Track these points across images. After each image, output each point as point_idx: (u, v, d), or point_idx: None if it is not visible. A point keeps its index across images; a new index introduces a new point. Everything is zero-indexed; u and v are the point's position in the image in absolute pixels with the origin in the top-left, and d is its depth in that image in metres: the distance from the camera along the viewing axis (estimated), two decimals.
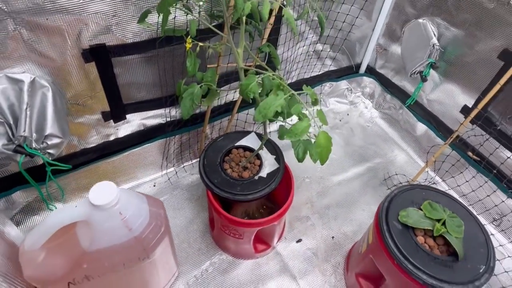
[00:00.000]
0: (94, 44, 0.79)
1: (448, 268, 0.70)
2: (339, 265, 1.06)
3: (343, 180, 1.30)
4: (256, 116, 0.60)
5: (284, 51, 1.15)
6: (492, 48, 1.00)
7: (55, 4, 0.68)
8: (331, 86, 1.50)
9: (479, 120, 1.04)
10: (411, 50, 1.22)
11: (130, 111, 1.01)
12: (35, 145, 0.77)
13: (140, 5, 0.78)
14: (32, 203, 1.00)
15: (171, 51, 0.89)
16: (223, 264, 1.04)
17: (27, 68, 0.75)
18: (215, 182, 0.87)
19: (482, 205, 1.12)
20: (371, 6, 1.27)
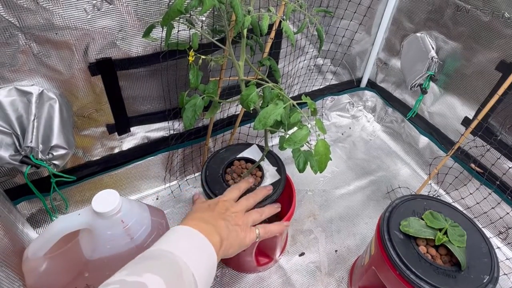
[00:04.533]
0: (101, 58, 0.82)
1: (451, 278, 0.69)
2: (343, 279, 1.04)
3: (346, 193, 1.30)
4: (256, 125, 0.61)
5: (285, 65, 1.18)
6: (490, 59, 1.02)
7: (64, 20, 0.72)
8: (332, 100, 1.52)
9: (479, 131, 1.04)
10: (411, 64, 1.24)
11: (134, 124, 1.03)
12: (41, 156, 0.79)
13: (145, 20, 0.81)
14: (35, 214, 1.01)
15: (175, 64, 0.92)
16: (225, 278, 1.03)
17: (36, 81, 0.77)
18: (217, 193, 0.87)
19: (487, 217, 1.10)
20: (370, 21, 1.30)
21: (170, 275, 0.42)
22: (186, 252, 0.48)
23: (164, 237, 0.52)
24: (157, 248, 0.48)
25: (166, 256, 0.46)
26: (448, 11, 1.10)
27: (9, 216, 0.82)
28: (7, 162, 0.76)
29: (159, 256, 0.45)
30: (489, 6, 0.98)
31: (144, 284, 0.38)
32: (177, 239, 0.51)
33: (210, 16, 0.89)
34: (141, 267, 0.42)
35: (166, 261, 0.45)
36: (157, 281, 0.40)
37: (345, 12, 1.18)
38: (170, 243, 0.50)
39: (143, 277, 0.39)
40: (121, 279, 0.39)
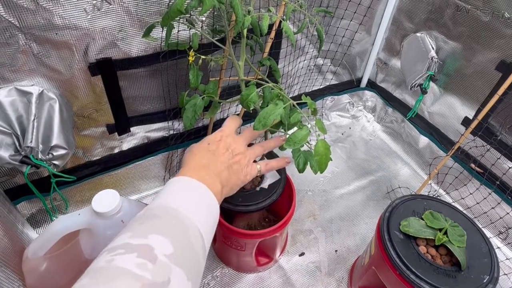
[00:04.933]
0: (101, 58, 0.82)
1: (451, 278, 0.69)
2: (343, 279, 1.04)
3: (346, 193, 1.30)
4: (256, 125, 0.61)
5: (285, 65, 1.18)
6: (490, 59, 1.02)
7: (64, 20, 0.72)
8: (332, 100, 1.52)
9: (479, 131, 1.04)
10: (410, 63, 1.24)
11: (134, 124, 1.03)
12: (41, 156, 0.79)
13: (145, 20, 0.81)
14: (35, 214, 1.01)
15: (175, 64, 0.92)
16: (225, 278, 1.03)
17: (36, 81, 0.77)
18: None
19: (487, 218, 1.10)
20: (370, 21, 1.30)
21: (176, 234, 0.41)
22: (189, 207, 0.46)
23: (166, 190, 0.49)
24: (160, 204, 0.46)
25: (170, 213, 0.43)
26: (448, 11, 1.10)
27: (9, 216, 0.82)
28: (7, 162, 0.76)
29: (162, 214, 0.43)
30: (489, 6, 0.98)
31: (149, 246, 0.37)
32: (179, 192, 0.49)
33: (210, 16, 0.89)
34: (145, 228, 0.40)
35: (170, 219, 0.43)
36: (163, 242, 0.38)
37: (345, 12, 1.18)
38: (172, 198, 0.47)
39: (148, 239, 0.38)
40: (125, 243, 0.37)
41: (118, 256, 0.35)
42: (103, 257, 0.36)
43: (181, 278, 0.37)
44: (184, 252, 0.40)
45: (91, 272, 0.34)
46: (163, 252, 0.37)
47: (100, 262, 0.36)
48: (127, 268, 0.34)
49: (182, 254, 0.39)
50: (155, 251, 0.37)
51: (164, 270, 0.36)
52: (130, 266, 0.34)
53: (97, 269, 0.34)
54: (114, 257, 0.35)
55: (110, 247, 0.38)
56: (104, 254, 0.37)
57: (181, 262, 0.38)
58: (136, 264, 0.35)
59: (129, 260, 0.35)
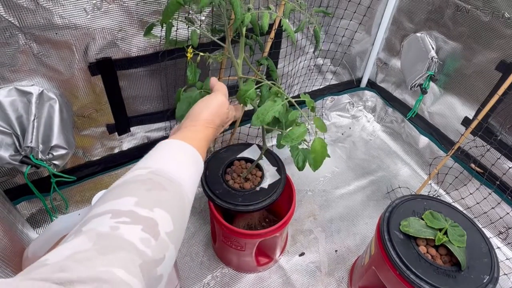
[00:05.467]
0: (101, 57, 0.82)
1: (451, 278, 0.69)
2: (343, 279, 1.04)
3: (346, 193, 1.30)
4: (254, 121, 0.61)
5: (285, 65, 1.18)
6: (490, 60, 1.02)
7: (64, 19, 0.72)
8: (332, 100, 1.52)
9: (479, 131, 1.04)
10: (411, 64, 1.24)
11: (134, 124, 1.03)
12: (41, 156, 0.79)
13: (145, 20, 0.81)
14: (35, 214, 1.01)
15: (174, 64, 0.92)
16: (225, 278, 1.03)
17: (36, 81, 0.77)
18: (217, 193, 0.87)
19: (487, 217, 1.10)
20: (370, 21, 1.30)
21: (177, 211, 0.42)
22: (190, 182, 0.47)
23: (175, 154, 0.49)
24: (168, 169, 0.45)
25: (176, 188, 0.44)
26: (448, 11, 1.10)
27: (9, 216, 0.82)
28: (7, 162, 0.76)
29: (168, 186, 0.43)
30: (489, 6, 0.98)
31: (154, 221, 0.37)
32: (184, 162, 0.49)
33: (209, 16, 0.89)
34: (152, 198, 0.40)
35: (175, 195, 0.43)
36: (166, 219, 0.39)
37: (345, 12, 1.18)
38: (178, 168, 0.47)
39: (154, 212, 0.38)
40: (131, 210, 0.37)
41: (124, 226, 0.35)
42: (107, 221, 0.35)
43: (173, 254, 0.39)
44: (180, 229, 0.41)
45: (95, 236, 0.33)
46: (165, 230, 0.38)
47: (104, 226, 0.34)
48: (132, 241, 0.34)
49: (178, 231, 0.41)
50: (158, 227, 0.37)
51: (163, 248, 0.37)
52: (135, 240, 0.34)
53: (101, 235, 0.33)
54: (119, 225, 0.35)
55: (114, 210, 0.37)
56: (107, 217, 0.36)
57: (175, 239, 0.40)
58: (140, 238, 0.35)
59: (134, 232, 0.35)
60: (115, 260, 0.32)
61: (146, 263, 0.34)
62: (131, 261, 0.33)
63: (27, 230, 0.90)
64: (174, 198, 0.42)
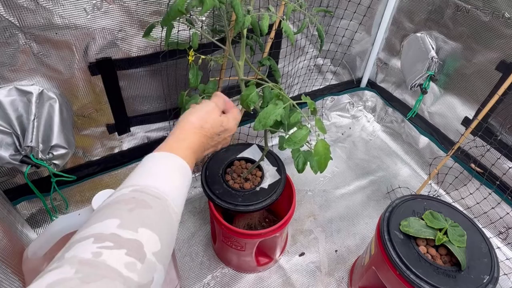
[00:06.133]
0: (101, 57, 0.82)
1: (451, 278, 0.69)
2: (343, 279, 1.04)
3: (346, 193, 1.30)
4: (256, 125, 0.61)
5: (285, 65, 1.18)
6: (490, 60, 1.02)
7: (64, 19, 0.72)
8: (332, 100, 1.52)
9: (479, 131, 1.04)
10: (411, 64, 1.24)
11: (134, 124, 1.03)
12: (41, 156, 0.79)
13: (145, 20, 0.81)
14: (35, 214, 1.01)
15: (175, 64, 0.92)
16: (225, 278, 1.03)
17: (36, 80, 0.77)
18: (217, 193, 0.87)
19: (487, 218, 1.10)
20: (370, 21, 1.30)
21: (164, 229, 0.40)
22: (177, 196, 0.45)
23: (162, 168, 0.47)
24: (153, 185, 0.43)
25: (161, 204, 0.42)
26: (448, 11, 1.10)
27: (9, 216, 0.82)
28: (7, 162, 0.76)
29: (153, 203, 0.41)
30: (489, 6, 0.98)
31: (139, 243, 0.36)
32: (172, 175, 0.47)
33: (210, 16, 0.89)
34: (135, 218, 0.38)
35: (161, 211, 0.41)
36: (153, 239, 0.37)
37: (345, 12, 1.18)
38: (166, 182, 0.45)
39: (138, 233, 0.37)
40: (113, 233, 0.35)
41: (107, 251, 0.33)
42: (90, 246, 0.34)
43: (161, 274, 0.38)
44: (168, 248, 0.40)
45: (77, 263, 0.32)
46: (152, 250, 0.37)
47: (86, 252, 0.33)
48: (116, 268, 0.33)
49: (166, 250, 0.39)
50: (144, 249, 0.36)
51: (150, 270, 0.36)
52: (119, 266, 0.33)
53: (83, 262, 0.32)
54: (102, 250, 0.33)
55: (97, 234, 0.35)
56: (89, 242, 0.34)
57: (163, 259, 0.38)
58: (125, 263, 0.33)
59: (118, 258, 0.34)
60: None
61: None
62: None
63: (26, 231, 0.90)
64: (160, 215, 0.41)
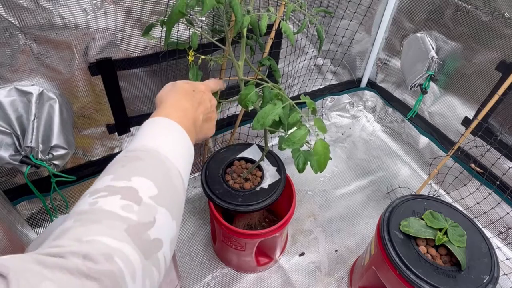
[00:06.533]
0: (101, 58, 0.82)
1: (451, 278, 0.69)
2: (343, 279, 1.04)
3: (346, 193, 1.30)
4: (254, 125, 0.61)
5: (285, 65, 1.18)
6: (490, 60, 1.02)
7: (64, 19, 0.72)
8: (332, 100, 1.52)
9: (479, 131, 1.04)
10: (411, 64, 1.24)
11: (134, 124, 1.03)
12: (41, 156, 0.79)
13: (145, 20, 0.81)
14: (35, 214, 1.01)
15: (174, 64, 0.92)
16: (225, 278, 1.03)
17: (36, 81, 0.77)
18: (217, 193, 0.87)
19: (487, 218, 1.10)
20: (370, 21, 1.30)
21: (159, 175, 0.40)
22: (169, 148, 0.45)
23: (146, 131, 0.48)
24: (142, 144, 0.45)
25: (152, 155, 0.43)
26: (448, 11, 1.10)
27: (9, 216, 0.82)
28: (7, 162, 0.76)
29: (144, 155, 0.42)
30: (489, 6, 0.98)
31: (133, 189, 0.37)
32: (159, 133, 0.48)
33: (210, 16, 0.89)
34: (127, 170, 0.39)
35: (153, 161, 0.42)
36: (146, 184, 0.38)
37: (345, 12, 1.18)
38: (152, 139, 0.46)
39: (132, 181, 0.37)
40: (108, 185, 0.36)
41: (102, 199, 0.34)
42: (85, 200, 0.35)
43: (166, 217, 0.38)
44: (167, 192, 0.40)
45: (75, 215, 0.33)
46: (148, 194, 0.37)
47: (82, 205, 0.34)
48: (112, 210, 0.34)
49: (166, 194, 0.40)
50: (139, 193, 0.37)
51: (150, 211, 0.36)
52: (115, 208, 0.34)
53: (80, 212, 0.33)
54: (97, 199, 0.34)
55: (92, 190, 0.36)
56: (86, 197, 0.35)
57: (165, 203, 0.39)
58: (121, 206, 0.34)
59: (113, 202, 0.34)
60: (98, 229, 0.32)
61: (133, 227, 0.33)
62: (114, 228, 0.32)
63: (26, 231, 0.90)
64: (152, 164, 0.42)
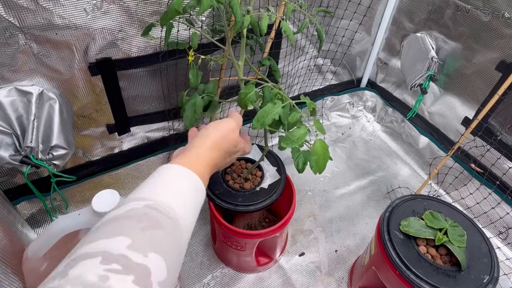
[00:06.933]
0: (101, 58, 0.82)
1: (451, 278, 0.69)
2: (343, 279, 1.04)
3: (346, 193, 1.30)
4: (254, 124, 0.61)
5: (285, 65, 1.18)
6: (490, 60, 1.02)
7: (64, 19, 0.72)
8: (332, 100, 1.52)
9: (479, 131, 1.04)
10: (411, 63, 1.24)
11: (134, 124, 1.03)
12: (41, 156, 0.79)
13: (145, 20, 0.81)
14: (35, 214, 1.01)
15: (174, 64, 0.92)
16: (225, 278, 1.03)
17: (36, 81, 0.77)
18: (217, 193, 0.87)
19: (487, 218, 1.10)
20: (370, 21, 1.30)
21: (174, 255, 0.39)
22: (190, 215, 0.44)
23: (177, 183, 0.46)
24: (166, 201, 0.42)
25: (173, 225, 0.40)
26: (448, 11, 1.10)
27: (9, 216, 0.82)
28: (7, 162, 0.76)
29: (166, 223, 0.40)
30: (489, 6, 0.98)
31: (148, 270, 0.34)
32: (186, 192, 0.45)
33: (210, 16, 0.89)
34: (146, 240, 0.37)
35: (173, 234, 0.40)
36: (161, 267, 0.36)
37: (345, 12, 1.18)
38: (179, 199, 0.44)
39: (149, 259, 0.35)
40: (123, 255, 0.34)
41: (114, 276, 0.32)
42: (96, 267, 0.32)
43: None
44: (174, 275, 0.39)
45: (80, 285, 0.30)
46: (158, 279, 0.35)
47: (92, 274, 0.31)
48: None
49: (171, 278, 0.38)
50: (151, 277, 0.34)
51: None
52: None
53: (88, 285, 0.30)
54: (109, 274, 0.31)
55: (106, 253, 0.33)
56: (96, 262, 0.32)
57: (170, 285, 0.37)
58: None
59: (124, 285, 0.32)
60: None
61: None
62: None
63: (26, 231, 0.90)
64: (171, 238, 0.40)
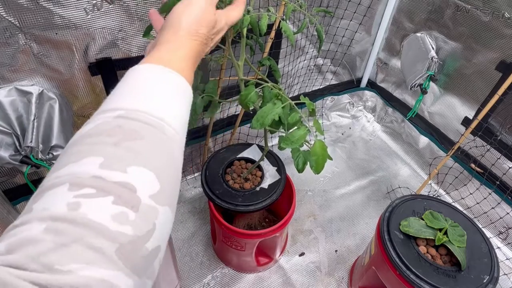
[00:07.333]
0: (101, 57, 0.82)
1: (451, 278, 0.69)
2: (343, 279, 1.04)
3: (346, 193, 1.30)
4: (254, 124, 0.61)
5: (285, 65, 1.18)
6: (490, 60, 1.02)
7: (64, 19, 0.72)
8: (332, 100, 1.52)
9: (479, 131, 1.04)
10: (411, 64, 1.24)
11: None
12: (41, 156, 0.79)
13: (145, 20, 0.81)
14: None
15: None
16: (225, 278, 1.03)
17: (36, 81, 0.77)
18: (217, 193, 0.87)
19: (487, 218, 1.10)
20: (370, 21, 1.30)
21: (165, 163, 0.32)
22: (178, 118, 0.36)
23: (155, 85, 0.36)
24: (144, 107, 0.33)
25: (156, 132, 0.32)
26: (448, 11, 1.10)
27: (8, 216, 0.82)
28: (7, 162, 0.76)
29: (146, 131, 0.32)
30: (489, 6, 0.98)
31: (131, 186, 0.27)
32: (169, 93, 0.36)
33: None
34: (122, 155, 0.29)
35: (158, 141, 0.32)
36: (148, 178, 0.29)
37: (345, 12, 1.18)
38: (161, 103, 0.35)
39: (128, 174, 0.28)
40: (95, 176, 0.27)
41: (86, 201, 0.25)
42: (64, 195, 0.26)
43: (167, 218, 0.30)
44: (172, 184, 0.32)
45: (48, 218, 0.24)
46: (148, 193, 0.28)
47: (59, 203, 0.25)
48: (100, 222, 0.25)
49: (170, 188, 0.31)
50: (137, 193, 0.28)
51: (148, 217, 0.28)
52: (104, 219, 0.25)
53: (56, 217, 0.24)
54: (80, 200, 0.25)
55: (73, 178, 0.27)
56: (64, 190, 0.26)
57: (167, 200, 0.30)
58: (112, 215, 0.26)
59: (102, 208, 0.26)
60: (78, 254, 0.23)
61: (126, 246, 0.25)
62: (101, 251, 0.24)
63: None
64: (157, 147, 0.32)
